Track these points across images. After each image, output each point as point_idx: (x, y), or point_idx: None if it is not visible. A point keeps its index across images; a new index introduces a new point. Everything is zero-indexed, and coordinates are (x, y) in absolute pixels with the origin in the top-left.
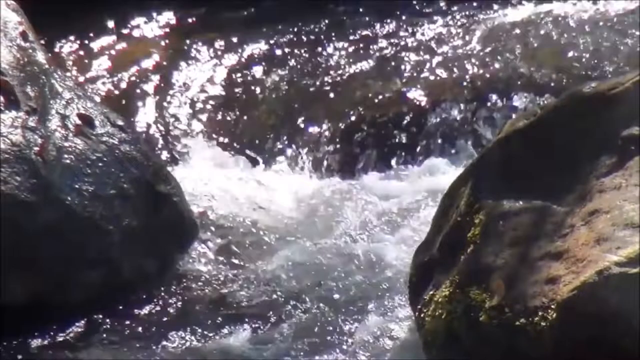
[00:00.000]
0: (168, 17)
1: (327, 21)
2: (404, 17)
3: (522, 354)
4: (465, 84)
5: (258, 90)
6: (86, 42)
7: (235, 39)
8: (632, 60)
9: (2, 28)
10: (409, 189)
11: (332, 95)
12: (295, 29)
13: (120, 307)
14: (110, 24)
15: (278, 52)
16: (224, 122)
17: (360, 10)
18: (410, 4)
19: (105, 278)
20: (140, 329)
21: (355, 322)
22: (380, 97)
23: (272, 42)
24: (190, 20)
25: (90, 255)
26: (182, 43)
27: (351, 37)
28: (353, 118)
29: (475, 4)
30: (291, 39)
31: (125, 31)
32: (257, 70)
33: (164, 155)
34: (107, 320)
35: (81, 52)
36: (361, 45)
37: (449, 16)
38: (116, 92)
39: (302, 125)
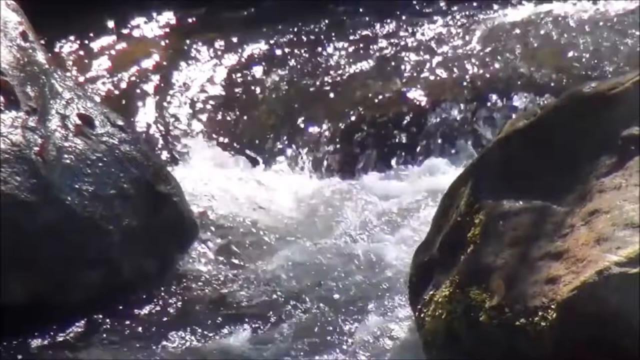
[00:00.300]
0: (168, 17)
1: (327, 21)
2: (404, 17)
3: (522, 354)
4: (465, 84)
5: (258, 90)
6: (86, 42)
7: (235, 39)
8: (632, 60)
9: (2, 28)
10: (409, 189)
11: (332, 95)
12: (295, 29)
13: (120, 307)
14: (110, 24)
15: (278, 52)
16: (224, 122)
17: (360, 10)
18: (410, 4)
19: (105, 278)
20: (140, 329)
21: (355, 322)
22: (380, 97)
23: (272, 42)
24: (190, 20)
25: (90, 255)
26: (182, 43)
27: (351, 37)
28: (353, 118)
29: (475, 4)
30: (291, 39)
31: (125, 31)
32: (257, 70)
33: (164, 155)
34: (107, 320)
35: (81, 52)
36: (361, 45)
37: (449, 16)
38: (116, 92)
39: (302, 125)
